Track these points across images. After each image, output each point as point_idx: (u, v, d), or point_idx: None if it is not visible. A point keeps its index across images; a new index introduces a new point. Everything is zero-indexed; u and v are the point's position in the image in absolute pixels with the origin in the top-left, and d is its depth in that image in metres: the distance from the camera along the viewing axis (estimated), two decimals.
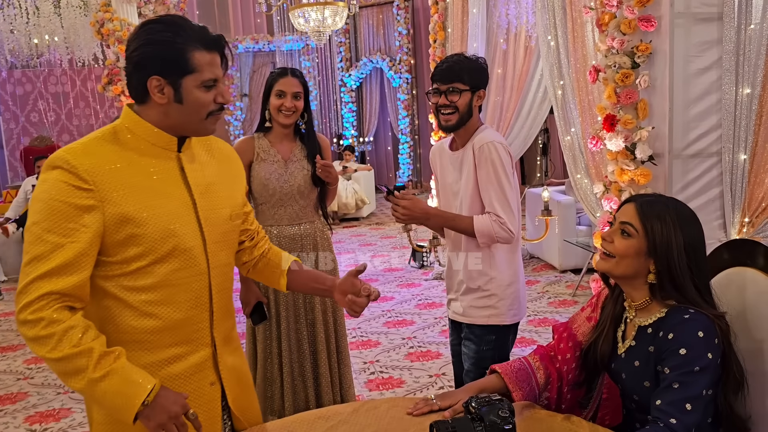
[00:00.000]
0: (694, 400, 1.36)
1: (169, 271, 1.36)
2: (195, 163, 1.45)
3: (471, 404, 1.39)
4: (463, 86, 2.11)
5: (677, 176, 2.87)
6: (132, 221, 1.32)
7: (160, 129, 1.38)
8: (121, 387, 1.26)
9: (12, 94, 10.35)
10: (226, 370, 1.50)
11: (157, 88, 1.34)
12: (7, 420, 3.36)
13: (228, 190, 1.51)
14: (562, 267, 5.61)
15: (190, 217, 1.40)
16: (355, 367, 3.79)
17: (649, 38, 2.81)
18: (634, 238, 1.47)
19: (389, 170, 11.77)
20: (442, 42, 5.49)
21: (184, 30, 1.34)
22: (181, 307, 1.39)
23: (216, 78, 1.37)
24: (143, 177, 1.36)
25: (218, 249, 1.45)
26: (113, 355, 1.28)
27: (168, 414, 1.28)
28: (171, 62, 1.33)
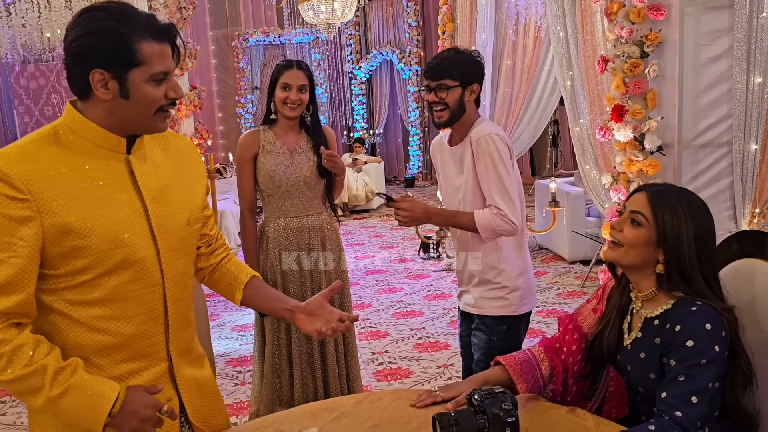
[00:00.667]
0: (699, 393, 1.35)
1: (118, 284, 1.26)
2: (147, 165, 1.33)
3: (474, 397, 1.39)
4: (452, 82, 2.09)
5: (687, 167, 2.85)
6: (74, 232, 1.21)
7: (105, 128, 1.26)
8: (84, 401, 1.20)
9: (26, 88, 10.44)
10: (185, 383, 1.41)
11: (100, 83, 1.21)
12: (20, 410, 3.41)
13: (186, 192, 1.40)
14: (571, 258, 5.59)
15: (141, 226, 1.29)
16: (364, 357, 3.81)
17: (659, 27, 2.78)
18: (644, 228, 1.46)
19: (399, 162, 11.76)
20: (450, 34, 5.46)
21: (130, 18, 1.21)
22: (133, 321, 1.29)
23: (167, 71, 1.25)
24: (87, 183, 1.24)
25: (174, 258, 1.34)
26: (69, 368, 1.21)
27: (140, 418, 1.22)
28: (115, 54, 1.20)
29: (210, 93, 11.02)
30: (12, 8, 6.67)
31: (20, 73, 10.30)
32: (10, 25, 6.91)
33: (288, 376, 2.61)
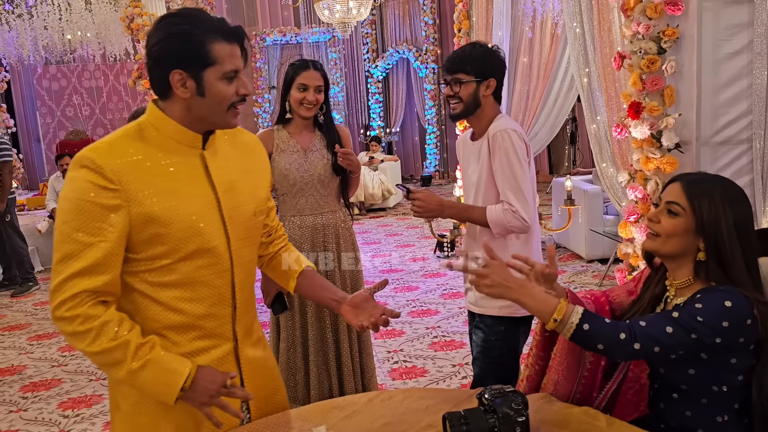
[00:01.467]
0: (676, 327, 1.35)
1: (193, 269, 1.38)
2: (219, 160, 1.44)
3: (484, 396, 1.39)
4: (466, 77, 2.11)
5: (705, 164, 2.80)
6: (156, 221, 1.33)
7: (184, 125, 1.38)
8: (160, 375, 1.32)
9: (48, 89, 10.62)
10: (247, 363, 1.51)
11: (179, 82, 1.34)
12: (42, 406, 3.48)
13: (252, 185, 1.51)
14: (588, 257, 5.54)
15: (214, 216, 1.40)
16: (379, 356, 3.81)
17: (676, 23, 2.74)
18: (682, 217, 1.45)
19: (416, 161, 11.75)
20: (467, 31, 5.44)
21: (203, 22, 1.33)
22: (204, 303, 1.41)
23: (237, 69, 1.37)
24: (168, 177, 1.36)
25: (241, 246, 1.46)
26: (148, 345, 1.33)
27: (208, 393, 1.33)
28: (191, 55, 1.32)
29: None
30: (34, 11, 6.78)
31: (42, 74, 10.47)
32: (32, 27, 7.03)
33: (303, 373, 2.62)
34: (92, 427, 3.19)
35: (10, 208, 5.70)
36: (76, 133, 10.07)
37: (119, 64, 10.26)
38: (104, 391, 3.59)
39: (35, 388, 3.71)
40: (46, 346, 4.43)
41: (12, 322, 5.05)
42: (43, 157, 10.81)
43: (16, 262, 5.87)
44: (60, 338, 4.59)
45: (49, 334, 4.68)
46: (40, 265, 6.64)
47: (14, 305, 5.55)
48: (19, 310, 5.37)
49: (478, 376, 2.27)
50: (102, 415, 3.32)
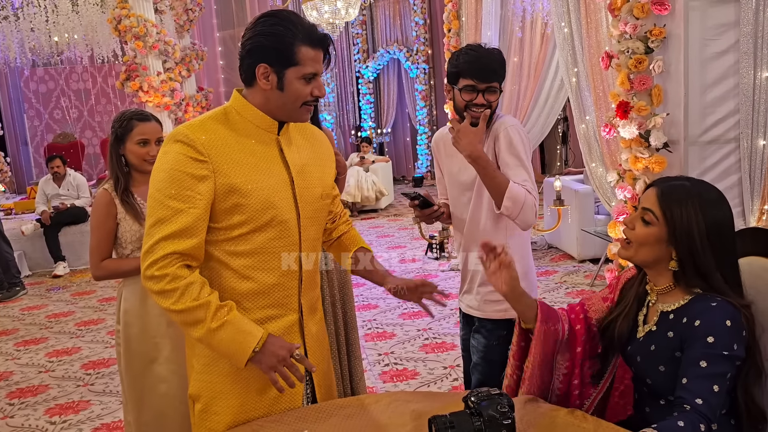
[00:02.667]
0: (721, 381, 1.32)
1: (266, 240, 1.50)
2: (292, 146, 1.58)
3: (470, 399, 1.37)
4: (499, 86, 2.06)
5: (693, 163, 2.81)
6: (238, 191, 1.46)
7: (263, 113, 1.52)
8: (236, 336, 1.42)
9: (35, 91, 10.54)
10: (311, 337, 1.62)
11: (263, 75, 1.48)
12: (28, 412, 3.43)
13: (320, 171, 1.63)
14: (580, 257, 5.54)
15: (287, 193, 1.53)
16: (370, 359, 3.79)
17: (663, 22, 2.74)
18: (654, 226, 1.43)
19: (407, 161, 11.74)
20: (456, 31, 5.43)
21: (295, 26, 1.47)
22: (274, 273, 1.53)
23: (316, 72, 1.50)
24: (249, 154, 1.49)
25: (309, 224, 1.58)
26: (227, 307, 1.44)
27: (277, 358, 1.43)
28: (279, 53, 1.46)
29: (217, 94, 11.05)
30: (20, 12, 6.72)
31: (30, 76, 10.39)
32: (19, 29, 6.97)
33: None
34: None
35: None
36: (64, 136, 9.99)
37: (107, 66, 10.20)
38: (92, 397, 3.55)
39: (22, 395, 3.67)
40: (33, 352, 4.38)
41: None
42: (31, 160, 10.72)
43: (2, 266, 5.80)
44: (47, 343, 4.54)
45: (36, 340, 4.63)
46: (28, 270, 6.57)
47: (1, 310, 5.49)
48: (6, 316, 5.31)
49: (479, 382, 2.20)
50: (89, 421, 3.28)
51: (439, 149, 2.29)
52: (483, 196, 2.10)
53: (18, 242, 6.44)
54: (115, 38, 7.46)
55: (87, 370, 3.99)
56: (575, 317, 1.62)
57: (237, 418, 1.53)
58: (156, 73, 7.09)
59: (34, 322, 5.07)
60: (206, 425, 1.55)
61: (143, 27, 6.74)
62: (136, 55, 6.90)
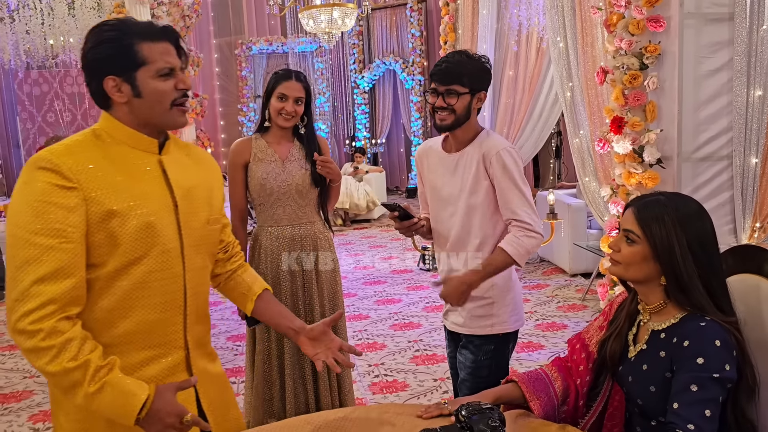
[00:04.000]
0: (713, 406, 1.31)
1: (145, 272, 1.35)
2: (177, 166, 1.44)
3: (461, 413, 1.36)
4: (462, 89, 2.00)
5: (686, 180, 2.82)
6: (114, 217, 1.31)
7: (137, 131, 1.38)
8: (117, 398, 1.26)
9: (29, 94, 10.49)
10: (200, 374, 1.47)
11: (114, 89, 1.34)
12: (11, 418, 3.38)
13: (206, 194, 1.51)
14: (572, 271, 5.55)
15: (170, 219, 1.39)
16: (360, 369, 3.77)
17: (658, 39, 2.76)
18: (638, 245, 1.44)
19: (401, 172, 11.75)
20: (452, 44, 5.46)
21: (128, 26, 1.34)
22: (155, 309, 1.38)
23: (171, 66, 1.36)
24: (125, 176, 1.35)
25: (194, 252, 1.44)
26: (107, 367, 1.27)
27: (164, 424, 1.29)
28: (120, 59, 1.33)
29: (212, 101, 11.05)
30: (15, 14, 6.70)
31: (23, 79, 10.34)
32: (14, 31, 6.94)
33: (279, 387, 2.57)
34: None
35: None
36: (56, 139, 9.91)
37: None
38: None
39: (5, 400, 3.61)
40: (18, 357, 4.32)
41: None
42: (23, 163, 10.64)
43: None
44: None
45: None
46: None
47: None
48: None
49: None
50: None
51: (422, 162, 2.24)
52: (462, 213, 2.07)
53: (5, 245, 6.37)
54: None
55: None
56: (574, 368, 1.61)
57: None
58: None
59: None
60: None
61: None
62: None
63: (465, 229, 2.09)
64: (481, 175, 2.04)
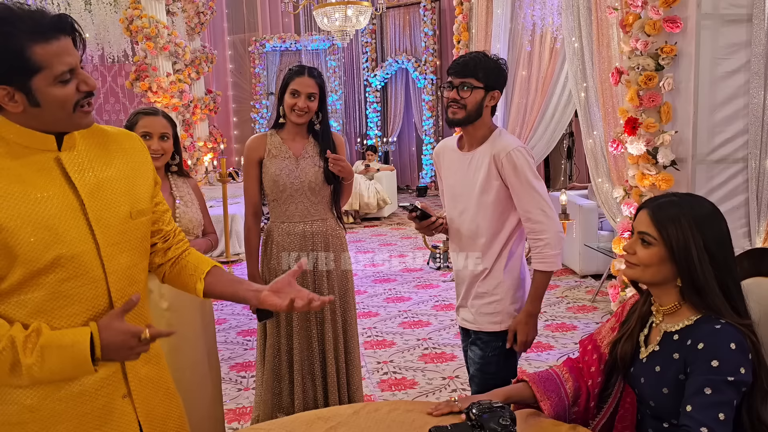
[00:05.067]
0: (727, 409, 1.30)
1: (56, 282, 1.22)
2: (81, 160, 1.30)
3: (472, 411, 1.36)
4: (476, 83, 2.05)
5: (701, 182, 2.80)
6: (4, 230, 1.17)
7: (30, 128, 1.23)
8: (63, 355, 1.18)
9: None
10: (137, 381, 1.36)
11: (6, 97, 1.18)
12: None
13: (127, 185, 1.36)
14: (582, 272, 5.52)
15: (77, 221, 1.25)
16: (369, 366, 3.78)
17: (675, 40, 2.74)
18: (655, 247, 1.42)
19: (412, 171, 11.75)
20: (466, 43, 5.45)
21: (14, 24, 1.14)
22: (77, 318, 1.25)
23: (71, 68, 1.19)
24: (16, 183, 1.20)
25: (117, 252, 1.30)
26: (34, 333, 1.19)
27: (126, 351, 1.24)
28: (10, 66, 1.15)
29: (225, 97, 11.11)
30: None
31: None
32: None
33: (288, 381, 2.59)
34: None
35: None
36: None
37: (117, 66, 10.25)
38: None
39: None
40: None
41: None
42: None
43: None
44: None
45: None
46: None
47: None
48: None
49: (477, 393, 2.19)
50: None
51: (439, 161, 2.30)
52: (473, 211, 2.12)
53: None
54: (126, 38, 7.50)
55: None
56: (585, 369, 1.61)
57: None
58: (165, 74, 7.13)
59: None
60: None
61: (155, 28, 6.78)
62: (147, 56, 6.94)
63: (474, 227, 2.14)
64: (492, 175, 2.08)
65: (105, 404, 1.31)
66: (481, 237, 2.13)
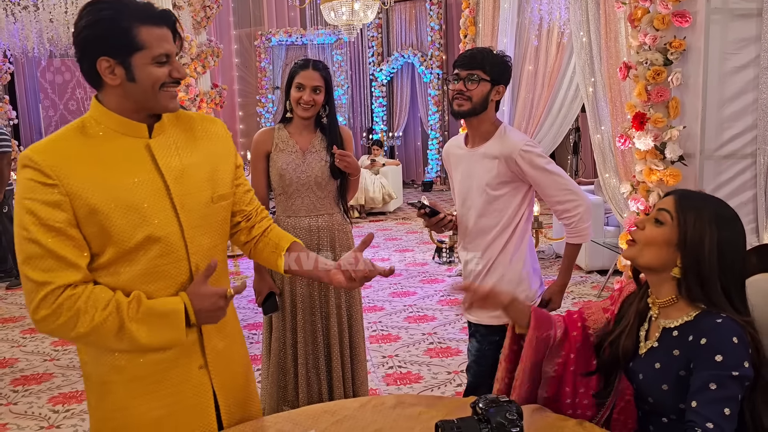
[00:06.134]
0: (732, 404, 1.30)
1: (146, 259, 1.35)
2: (169, 147, 1.41)
3: (478, 405, 1.36)
4: (483, 75, 2.08)
5: (708, 177, 2.78)
6: (98, 213, 1.30)
7: (125, 115, 1.36)
8: (162, 323, 1.32)
9: (51, 82, 10.61)
10: (214, 354, 1.47)
11: (108, 70, 1.30)
12: (32, 400, 3.44)
13: (208, 172, 1.46)
14: (588, 267, 5.51)
15: (163, 204, 1.37)
16: (374, 361, 3.78)
17: (683, 34, 2.72)
18: (666, 227, 1.42)
19: (418, 165, 11.74)
20: (472, 37, 5.43)
21: (128, 6, 1.30)
22: (161, 292, 1.38)
23: (168, 53, 1.33)
24: (108, 168, 1.33)
25: (198, 234, 1.42)
26: (135, 301, 1.32)
27: (215, 312, 1.36)
28: (117, 41, 1.28)
29: (231, 92, 11.10)
30: (39, 3, 6.77)
31: (46, 67, 10.46)
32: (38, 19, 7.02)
33: (293, 375, 2.60)
34: (82, 423, 3.16)
35: (7, 199, 5.68)
36: None
37: None
38: None
39: (26, 382, 3.68)
40: (39, 340, 4.40)
41: (6, 315, 5.02)
42: None
43: (13, 253, 5.84)
44: None
45: None
46: None
47: (9, 297, 5.52)
48: (14, 303, 5.34)
49: (472, 384, 2.29)
50: None
51: (448, 159, 2.35)
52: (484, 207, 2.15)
53: None
54: None
55: None
56: (572, 324, 1.61)
57: None
58: None
59: None
60: None
61: None
62: None
63: (480, 223, 2.18)
64: (502, 173, 2.12)
65: (182, 373, 1.43)
66: (487, 232, 2.17)
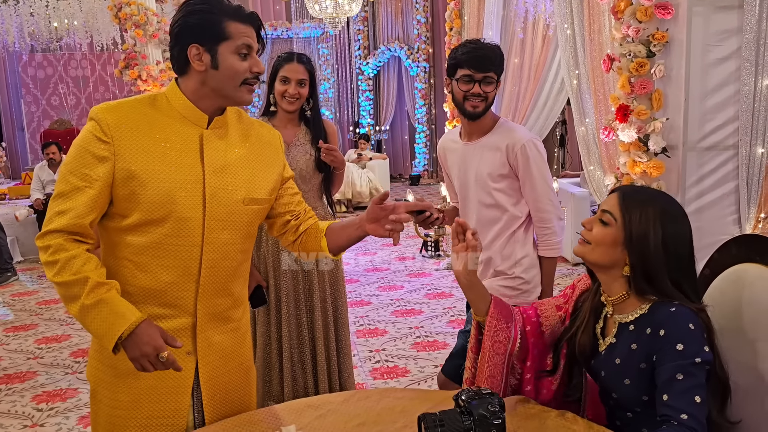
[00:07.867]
0: (701, 391, 1.31)
1: (162, 235, 1.43)
2: (220, 142, 1.50)
3: (461, 397, 1.36)
4: (496, 76, 2.10)
5: (691, 169, 2.80)
6: (135, 179, 1.40)
7: (195, 104, 1.47)
8: (107, 316, 1.35)
9: (33, 77, 10.47)
10: (205, 345, 1.50)
11: (196, 56, 1.43)
12: (15, 398, 3.41)
13: (251, 174, 1.53)
14: (574, 260, 5.54)
15: (195, 191, 1.45)
16: (361, 355, 3.78)
17: (666, 26, 2.73)
18: (612, 227, 1.44)
19: (405, 159, 11.72)
20: (458, 30, 5.42)
21: (221, 3, 1.46)
22: (171, 270, 1.45)
23: (250, 45, 1.46)
24: (160, 142, 1.43)
25: (219, 227, 1.48)
26: (106, 286, 1.37)
27: (140, 352, 1.35)
28: (207, 30, 1.43)
29: None
30: None
31: (28, 62, 10.31)
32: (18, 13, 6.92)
33: (278, 370, 2.59)
34: (66, 421, 3.13)
35: None
36: (60, 123, 9.93)
37: (106, 54, 10.13)
38: (80, 385, 3.53)
39: (9, 381, 3.64)
40: (23, 338, 4.36)
41: None
42: (27, 146, 10.65)
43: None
44: (37, 330, 4.51)
45: (26, 326, 4.60)
46: (20, 256, 6.53)
47: None
48: None
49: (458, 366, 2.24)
50: (76, 409, 3.25)
51: (444, 156, 2.36)
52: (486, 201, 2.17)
53: (11, 228, 6.39)
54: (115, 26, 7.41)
55: (76, 357, 3.96)
56: (527, 320, 1.62)
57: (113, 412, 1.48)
58: (155, 62, 7.05)
59: (25, 309, 5.04)
60: (94, 409, 1.54)
61: (144, 15, 6.69)
62: (136, 44, 6.85)
63: (482, 216, 2.19)
64: (503, 166, 2.13)
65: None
66: (488, 227, 2.19)
